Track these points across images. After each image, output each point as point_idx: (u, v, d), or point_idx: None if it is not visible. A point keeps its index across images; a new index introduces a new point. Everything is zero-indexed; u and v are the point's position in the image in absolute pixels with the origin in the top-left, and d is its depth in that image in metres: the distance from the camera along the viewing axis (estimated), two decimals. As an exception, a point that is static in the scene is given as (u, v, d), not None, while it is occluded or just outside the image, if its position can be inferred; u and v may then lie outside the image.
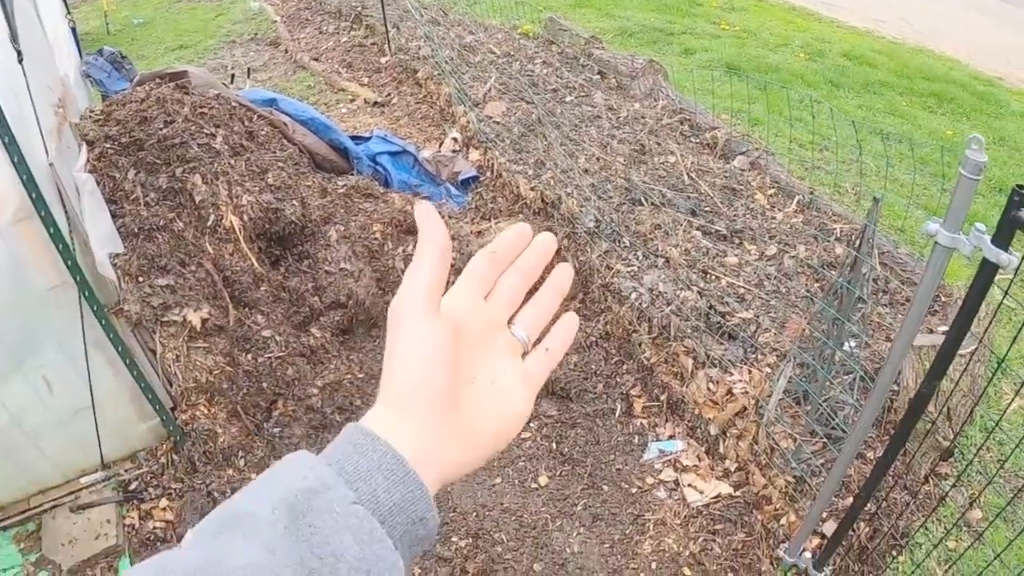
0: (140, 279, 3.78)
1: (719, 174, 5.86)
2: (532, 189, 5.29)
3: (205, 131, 4.37)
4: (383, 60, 8.10)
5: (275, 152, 4.85)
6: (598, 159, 5.84)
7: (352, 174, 5.59)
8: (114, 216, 3.91)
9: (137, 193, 4.00)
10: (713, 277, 4.62)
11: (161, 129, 4.20)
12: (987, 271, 2.02)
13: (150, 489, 3.94)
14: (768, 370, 3.90)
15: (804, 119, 7.35)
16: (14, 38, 3.18)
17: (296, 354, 4.26)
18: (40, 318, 3.43)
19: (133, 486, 3.96)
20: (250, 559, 0.45)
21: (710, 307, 4.25)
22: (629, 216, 5.07)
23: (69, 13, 5.83)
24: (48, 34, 4.59)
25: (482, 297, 0.71)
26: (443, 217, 4.69)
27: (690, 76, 8.15)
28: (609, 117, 6.62)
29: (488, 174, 5.87)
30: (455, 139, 6.36)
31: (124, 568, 3.72)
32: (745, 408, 3.70)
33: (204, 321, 3.91)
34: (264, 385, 4.07)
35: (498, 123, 6.39)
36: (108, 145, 4.06)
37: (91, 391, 3.65)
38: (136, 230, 3.88)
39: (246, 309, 4.18)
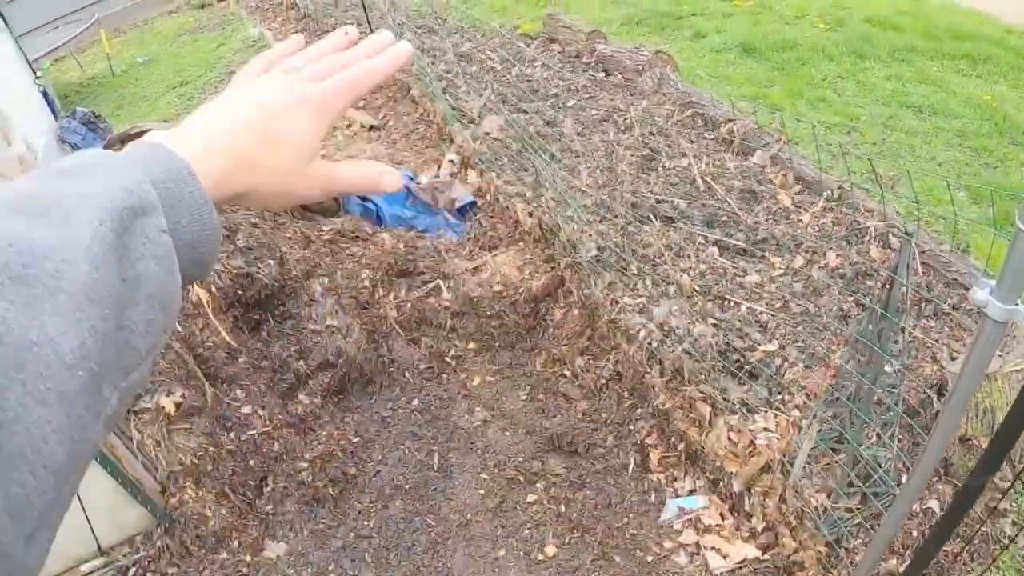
0: None
1: (737, 174, 5.38)
2: (530, 215, 4.87)
3: None
4: (378, 79, 7.72)
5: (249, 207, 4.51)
6: (603, 171, 5.40)
7: (340, 215, 5.23)
8: None
9: None
10: (731, 304, 4.16)
11: None
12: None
13: (148, 574, 3.71)
14: (796, 412, 3.44)
15: (828, 98, 6.81)
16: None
17: (283, 426, 3.93)
18: None
19: (131, 572, 3.74)
20: (69, 255, 0.45)
21: (727, 343, 3.80)
22: (636, 238, 4.62)
23: (38, 77, 5.54)
24: (4, 109, 4.28)
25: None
26: (440, 250, 4.27)
27: (702, 62, 7.64)
28: (615, 120, 6.17)
29: (486, 198, 5.46)
30: (452, 161, 5.96)
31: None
32: (770, 464, 3.25)
33: (178, 405, 3.60)
34: (251, 463, 3.75)
35: (496, 140, 5.97)
36: None
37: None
38: None
39: (224, 385, 3.86)
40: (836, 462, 3.24)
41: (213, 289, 3.89)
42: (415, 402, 4.26)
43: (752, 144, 5.62)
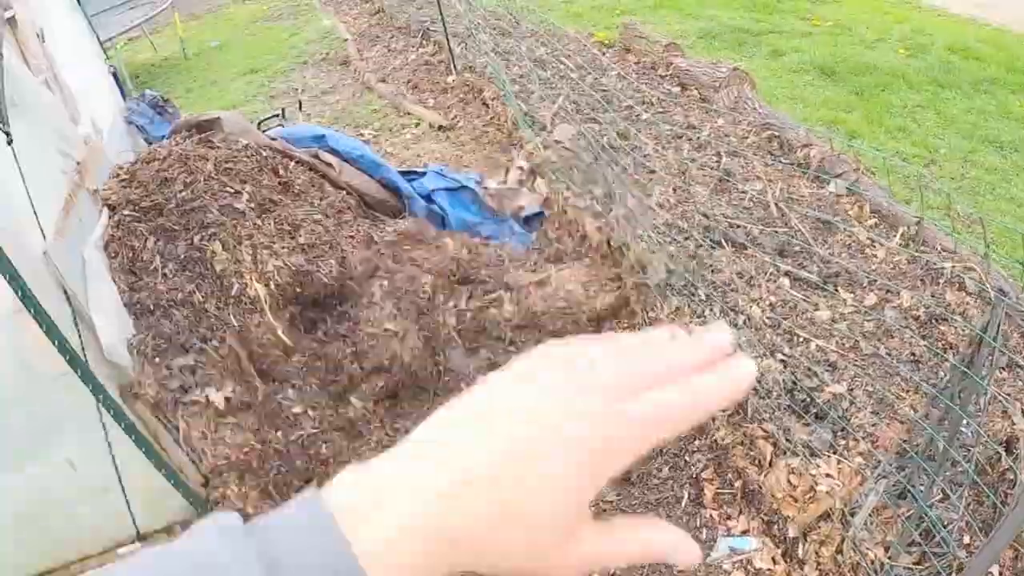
0: (157, 360, 3.51)
1: (812, 202, 5.26)
2: (599, 230, 4.81)
3: (229, 189, 4.08)
4: (449, 79, 7.73)
5: (313, 203, 4.52)
6: (676, 189, 5.32)
7: (404, 215, 5.23)
8: (132, 291, 3.65)
9: (156, 264, 3.74)
10: (800, 340, 4.07)
11: (180, 191, 3.93)
12: None
13: None
14: (859, 460, 3.35)
15: (908, 128, 6.63)
16: (2, 119, 2.92)
17: (332, 429, 3.93)
18: (52, 403, 3.25)
19: None
20: None
21: (794, 382, 3.71)
22: (707, 262, 4.54)
23: (109, 58, 5.63)
24: (74, 88, 4.36)
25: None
26: (504, 259, 4.23)
27: (779, 82, 7.49)
28: (689, 137, 6.08)
29: (553, 209, 5.42)
30: (521, 168, 5.93)
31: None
32: (829, 512, 3.16)
33: (228, 400, 3.63)
34: (297, 463, 3.76)
35: (567, 149, 5.92)
36: (128, 211, 3.82)
37: (116, 469, 3.44)
38: (152, 306, 3.62)
39: (275, 383, 3.88)
40: (899, 516, 3.14)
41: (272, 285, 3.91)
42: (469, 414, 4.24)
43: (828, 171, 5.49)
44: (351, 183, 5.11)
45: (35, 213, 3.05)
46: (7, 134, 2.94)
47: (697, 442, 3.89)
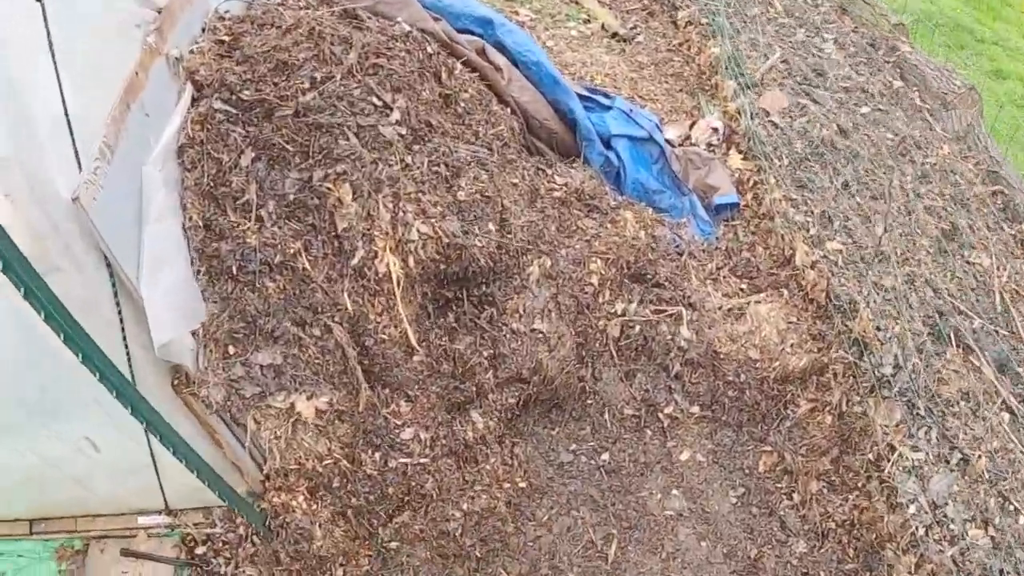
0: (231, 351, 2.58)
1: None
2: (813, 265, 3.83)
3: (375, 99, 2.94)
4: (639, -24, 6.41)
5: (478, 131, 3.43)
6: (901, 232, 4.31)
7: (576, 160, 4.16)
8: (207, 231, 2.61)
9: (250, 196, 2.66)
10: (1012, 507, 3.25)
11: (306, 89, 2.79)
12: None
13: (219, 559, 3.03)
14: None
15: None
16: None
17: (443, 455, 3.09)
18: (66, 380, 2.28)
19: (201, 550, 3.08)
20: None
21: (1002, 570, 2.94)
22: (932, 362, 3.62)
23: None
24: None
25: None
26: (684, 253, 3.22)
27: (1001, 115, 6.35)
28: (912, 157, 5.01)
29: (750, 201, 4.39)
30: (715, 129, 4.84)
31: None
32: None
33: (321, 412, 2.72)
34: (390, 491, 2.91)
35: (776, 126, 4.84)
36: (222, 100, 2.69)
37: (149, 444, 2.55)
38: (235, 268, 2.60)
39: (386, 390, 2.96)
40: None
41: (412, 260, 2.90)
42: (604, 456, 3.41)
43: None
44: (519, 99, 3.99)
45: (68, 123, 1.97)
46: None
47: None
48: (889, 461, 3.27)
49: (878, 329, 3.57)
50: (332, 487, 2.86)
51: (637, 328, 3.54)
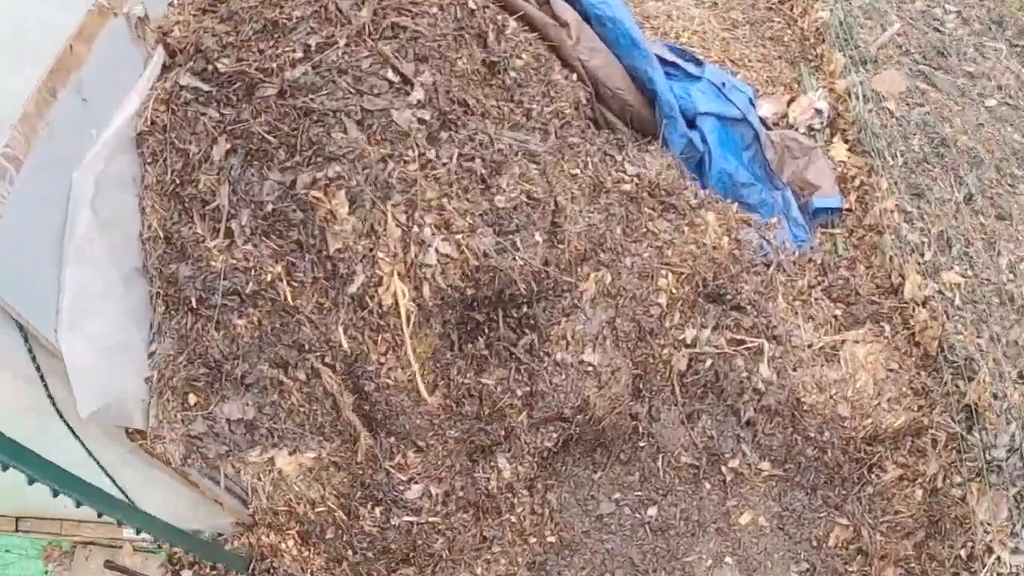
0: (191, 400, 2.10)
1: None
2: (925, 301, 3.22)
3: (391, 73, 2.28)
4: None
5: (531, 109, 2.81)
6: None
7: (653, 141, 3.54)
8: (168, 243, 2.11)
9: (220, 200, 2.12)
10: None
11: (297, 59, 2.16)
12: None
13: None
14: None
15: None
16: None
17: (459, 509, 2.61)
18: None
19: (187, 574, 2.95)
20: None
21: None
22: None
23: None
24: None
25: None
26: (771, 267, 2.61)
27: None
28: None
29: (854, 204, 3.76)
30: (818, 110, 4.16)
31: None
32: None
33: (306, 468, 2.27)
34: (392, 547, 2.48)
35: (891, 114, 4.14)
36: (191, 74, 2.13)
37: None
38: (194, 299, 2.09)
39: (391, 439, 2.48)
40: None
41: (427, 290, 2.32)
42: (652, 510, 2.91)
43: None
44: (588, 63, 3.33)
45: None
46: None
47: None
48: (984, 565, 2.73)
49: (995, 397, 2.97)
50: (325, 537, 2.44)
51: (708, 362, 2.99)
